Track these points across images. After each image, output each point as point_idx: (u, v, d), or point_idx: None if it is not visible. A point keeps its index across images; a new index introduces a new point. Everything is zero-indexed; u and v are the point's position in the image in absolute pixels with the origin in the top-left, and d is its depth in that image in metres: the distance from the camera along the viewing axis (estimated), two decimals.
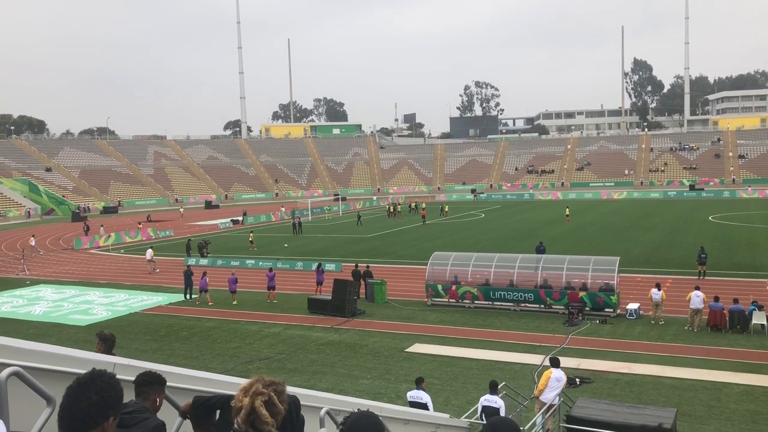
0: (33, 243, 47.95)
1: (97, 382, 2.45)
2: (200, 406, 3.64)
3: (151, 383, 3.54)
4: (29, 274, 38.01)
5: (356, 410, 2.87)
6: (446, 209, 68.48)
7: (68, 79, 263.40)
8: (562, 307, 24.70)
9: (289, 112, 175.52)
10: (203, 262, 38.92)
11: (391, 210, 69.44)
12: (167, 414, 3.62)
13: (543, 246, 35.08)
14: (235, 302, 28.46)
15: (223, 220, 65.96)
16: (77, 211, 79.65)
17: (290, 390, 3.10)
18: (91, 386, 2.43)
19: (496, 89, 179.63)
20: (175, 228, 60.61)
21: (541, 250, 34.00)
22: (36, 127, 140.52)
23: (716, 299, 22.18)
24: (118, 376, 3.66)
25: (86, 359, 3.59)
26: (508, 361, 19.31)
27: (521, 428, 11.30)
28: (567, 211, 59.77)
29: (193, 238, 47.12)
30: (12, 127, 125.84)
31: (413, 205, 72.36)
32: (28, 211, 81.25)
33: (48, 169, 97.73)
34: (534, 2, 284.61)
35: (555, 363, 13.73)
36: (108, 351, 7.19)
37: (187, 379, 4.38)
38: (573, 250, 36.66)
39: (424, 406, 12.15)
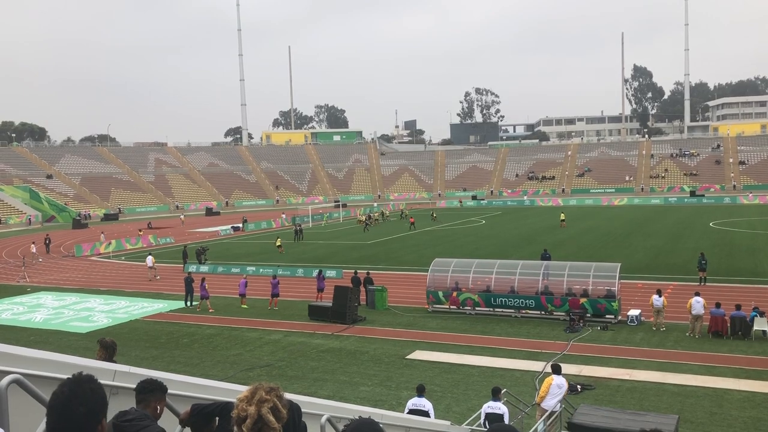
0: (34, 250, 47.96)
1: (80, 394, 2.40)
2: (199, 413, 3.64)
3: (152, 391, 3.53)
4: (30, 282, 38.00)
5: (357, 417, 2.88)
6: (434, 215, 69.29)
7: (69, 86, 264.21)
8: (563, 314, 24.67)
9: (289, 119, 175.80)
10: (204, 269, 38.92)
11: (364, 219, 66.98)
12: (168, 422, 3.61)
13: (548, 254, 34.83)
14: (244, 305, 28.74)
15: (224, 227, 65.96)
16: (78, 218, 79.71)
17: (291, 397, 3.09)
18: (75, 400, 2.38)
19: (497, 96, 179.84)
20: (176, 235, 60.61)
21: (546, 257, 33.73)
22: (37, 134, 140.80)
23: (717, 305, 22.14)
24: (119, 383, 3.66)
25: (87, 366, 3.59)
26: (509, 368, 19.27)
27: None
28: (562, 216, 59.97)
29: (190, 245, 47.14)
30: (13, 135, 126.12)
31: (406, 212, 72.16)
32: (29, 218, 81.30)
33: (49, 176, 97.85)
34: (534, 9, 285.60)
35: (556, 370, 13.71)
36: (109, 358, 7.18)
37: (188, 386, 4.37)
38: (574, 257, 36.63)
39: (426, 414, 12.12)
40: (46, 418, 2.43)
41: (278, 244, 47.56)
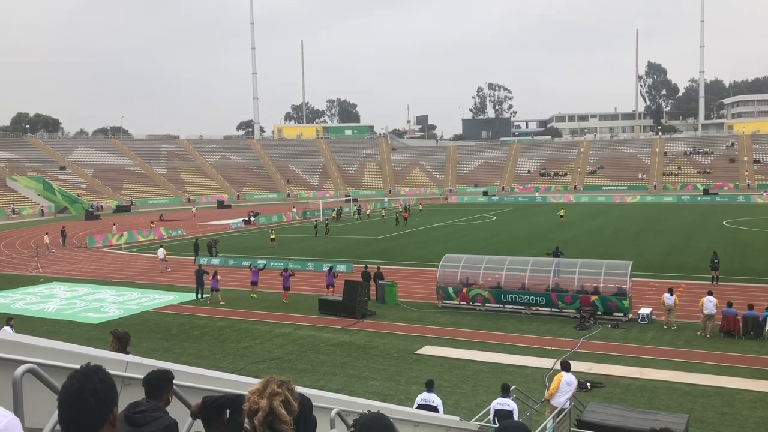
0: (47, 241, 48.34)
1: (89, 385, 2.41)
2: (210, 406, 3.65)
3: (161, 386, 3.52)
4: (43, 272, 38.32)
5: (367, 411, 2.88)
6: (407, 208, 69.50)
7: (83, 78, 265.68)
8: (574, 311, 24.59)
9: (301, 113, 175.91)
10: (215, 261, 39.09)
11: (334, 216, 68.69)
12: (179, 413, 3.64)
13: (560, 251, 34.56)
14: (254, 295, 29.06)
15: (235, 220, 66.18)
16: (90, 209, 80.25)
17: (301, 390, 3.11)
18: (85, 391, 2.39)
19: (509, 91, 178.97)
20: (188, 227, 60.91)
21: (557, 254, 33.52)
22: (51, 125, 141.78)
23: (729, 305, 21.99)
24: (131, 374, 3.68)
25: (100, 357, 3.62)
26: (519, 365, 19.25)
27: None
28: (562, 212, 60.13)
29: (201, 237, 47.35)
30: (27, 126, 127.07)
31: (417, 207, 73.06)
32: (42, 210, 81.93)
33: (62, 168, 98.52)
34: (547, 5, 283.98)
35: (566, 367, 13.67)
36: (122, 349, 7.21)
37: (198, 378, 4.40)
38: (585, 254, 36.45)
39: (435, 410, 12.13)
40: (58, 410, 2.45)
41: (272, 237, 47.70)
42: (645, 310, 23.88)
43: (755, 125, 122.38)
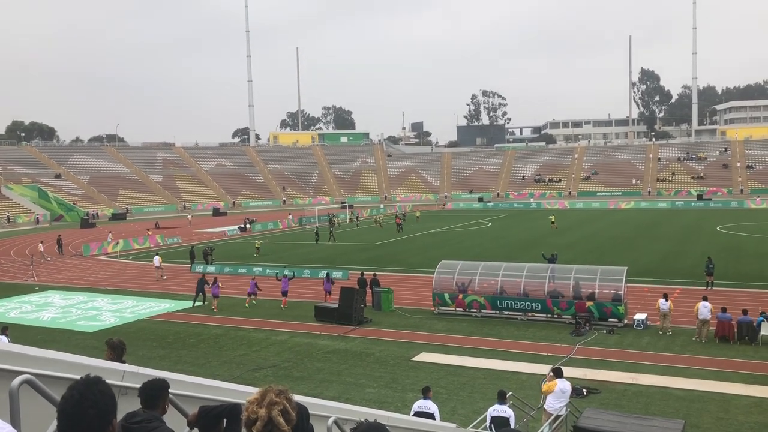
0: (42, 249, 48.17)
1: (89, 396, 2.42)
2: (206, 415, 3.66)
3: (157, 397, 3.53)
4: (38, 280, 38.17)
5: (364, 420, 2.89)
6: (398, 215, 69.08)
7: (78, 86, 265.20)
8: (570, 317, 24.62)
9: (297, 120, 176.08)
10: (211, 269, 39.03)
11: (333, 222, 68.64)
12: (176, 422, 3.64)
13: (555, 257, 34.44)
14: (247, 305, 28.99)
15: (231, 228, 66.06)
16: (86, 217, 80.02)
17: (297, 398, 3.12)
18: (85, 402, 2.41)
19: (503, 98, 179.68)
20: (183, 235, 60.74)
21: (552, 260, 33.44)
22: (46, 133, 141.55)
23: (724, 310, 22.06)
24: (128, 384, 3.68)
25: (97, 367, 3.62)
26: (515, 371, 19.25)
27: None
28: (552, 219, 60.36)
29: (197, 245, 47.24)
30: (23, 134, 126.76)
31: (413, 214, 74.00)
32: (37, 218, 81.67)
33: (57, 176, 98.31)
34: (541, 12, 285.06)
35: (558, 373, 13.66)
36: (118, 358, 7.18)
37: (195, 386, 4.40)
38: (580, 260, 36.53)
39: (431, 416, 12.12)
40: (57, 421, 2.45)
41: (257, 245, 47.48)
42: (640, 316, 23.92)
43: (748, 131, 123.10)
